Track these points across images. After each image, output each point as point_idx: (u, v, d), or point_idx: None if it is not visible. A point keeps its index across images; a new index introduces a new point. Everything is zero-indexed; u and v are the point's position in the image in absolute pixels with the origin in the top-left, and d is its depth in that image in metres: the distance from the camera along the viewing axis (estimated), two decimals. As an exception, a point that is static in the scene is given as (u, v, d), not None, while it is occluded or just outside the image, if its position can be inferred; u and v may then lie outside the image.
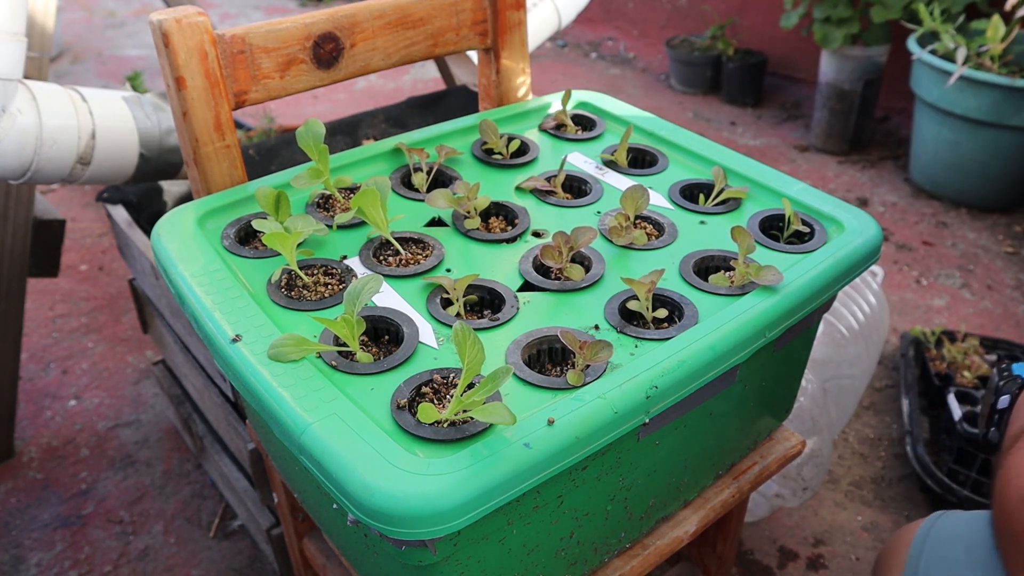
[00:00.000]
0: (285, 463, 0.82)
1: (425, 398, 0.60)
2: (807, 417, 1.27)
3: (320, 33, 0.85)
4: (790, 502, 1.32)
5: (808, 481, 1.30)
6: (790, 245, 0.77)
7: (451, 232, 0.80)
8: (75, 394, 1.70)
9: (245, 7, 4.17)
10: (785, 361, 0.80)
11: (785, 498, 1.31)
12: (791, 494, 1.31)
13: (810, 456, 1.29)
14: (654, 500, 0.75)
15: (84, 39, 3.76)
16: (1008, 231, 2.18)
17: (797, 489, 1.31)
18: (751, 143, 2.69)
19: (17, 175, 1.13)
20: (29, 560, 1.35)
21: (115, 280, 2.06)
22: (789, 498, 1.31)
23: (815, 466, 1.30)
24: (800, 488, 1.31)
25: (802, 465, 1.29)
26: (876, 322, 1.55)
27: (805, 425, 1.27)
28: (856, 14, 2.35)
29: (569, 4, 1.74)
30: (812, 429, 1.28)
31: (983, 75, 2.01)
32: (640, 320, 0.69)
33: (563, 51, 3.59)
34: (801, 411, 1.27)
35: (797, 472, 1.29)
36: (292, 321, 0.67)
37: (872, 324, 1.53)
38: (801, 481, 1.30)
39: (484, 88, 1.05)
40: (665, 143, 0.95)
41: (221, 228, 0.78)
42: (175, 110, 0.80)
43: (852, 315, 1.49)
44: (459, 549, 0.58)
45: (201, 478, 1.50)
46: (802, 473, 1.29)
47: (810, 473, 1.29)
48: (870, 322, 1.52)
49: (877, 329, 1.56)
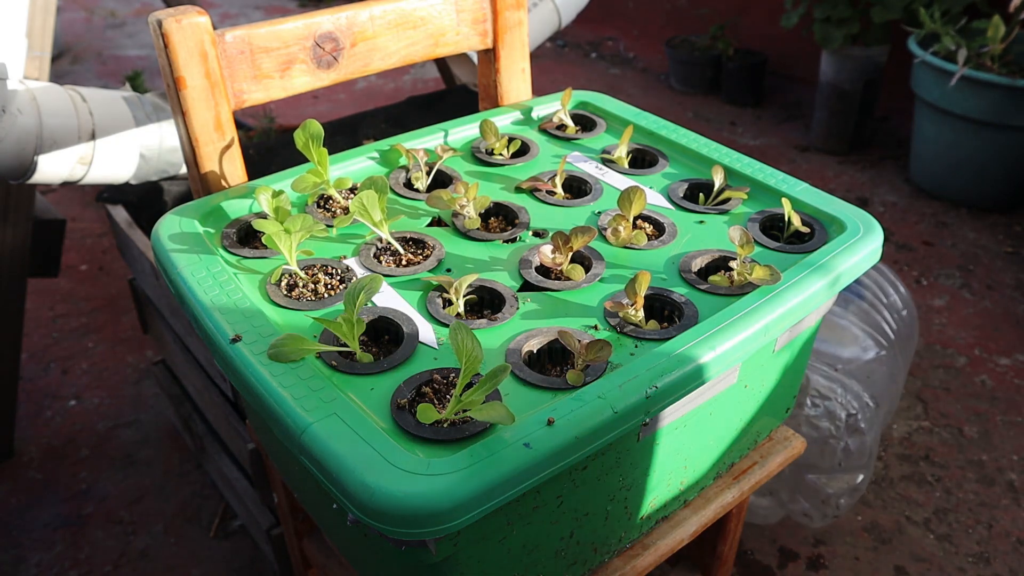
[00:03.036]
0: (285, 463, 0.82)
1: (425, 398, 0.60)
2: (868, 452, 1.25)
3: (320, 33, 0.85)
4: (814, 523, 1.31)
5: (841, 510, 1.29)
6: (790, 245, 0.77)
7: (451, 232, 0.80)
8: (75, 394, 1.70)
9: (245, 7, 4.17)
10: (785, 361, 0.80)
11: (812, 519, 1.30)
12: (820, 516, 1.30)
13: (852, 489, 1.27)
14: (654, 500, 0.75)
15: (84, 39, 3.76)
16: (1008, 231, 2.18)
17: (828, 515, 1.30)
18: (751, 143, 2.69)
19: (17, 175, 1.13)
20: (29, 560, 1.35)
21: (115, 280, 2.06)
22: (816, 520, 1.30)
23: (851, 497, 1.29)
24: (831, 515, 1.30)
25: (841, 495, 1.27)
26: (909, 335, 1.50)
27: (863, 460, 1.25)
28: (856, 14, 2.35)
29: (569, 4, 1.74)
30: (867, 464, 1.26)
31: (983, 75, 2.01)
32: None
33: (563, 51, 3.59)
34: (864, 447, 1.24)
35: (835, 500, 1.27)
36: (292, 321, 0.67)
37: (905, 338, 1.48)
38: (835, 509, 1.28)
39: (484, 88, 1.05)
40: (665, 143, 0.95)
41: (221, 228, 0.78)
42: (175, 110, 0.80)
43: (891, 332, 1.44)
44: (459, 549, 0.58)
45: (201, 478, 1.50)
46: (840, 502, 1.28)
47: (845, 503, 1.28)
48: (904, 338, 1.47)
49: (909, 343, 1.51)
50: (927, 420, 1.58)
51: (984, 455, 1.50)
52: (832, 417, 1.22)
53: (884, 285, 1.48)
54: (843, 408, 1.22)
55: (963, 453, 1.51)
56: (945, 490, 1.44)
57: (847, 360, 1.30)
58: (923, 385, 1.66)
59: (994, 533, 1.36)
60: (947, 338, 1.79)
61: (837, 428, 1.22)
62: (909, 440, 1.54)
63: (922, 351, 1.75)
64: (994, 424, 1.57)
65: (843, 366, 1.29)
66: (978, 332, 1.81)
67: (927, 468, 1.48)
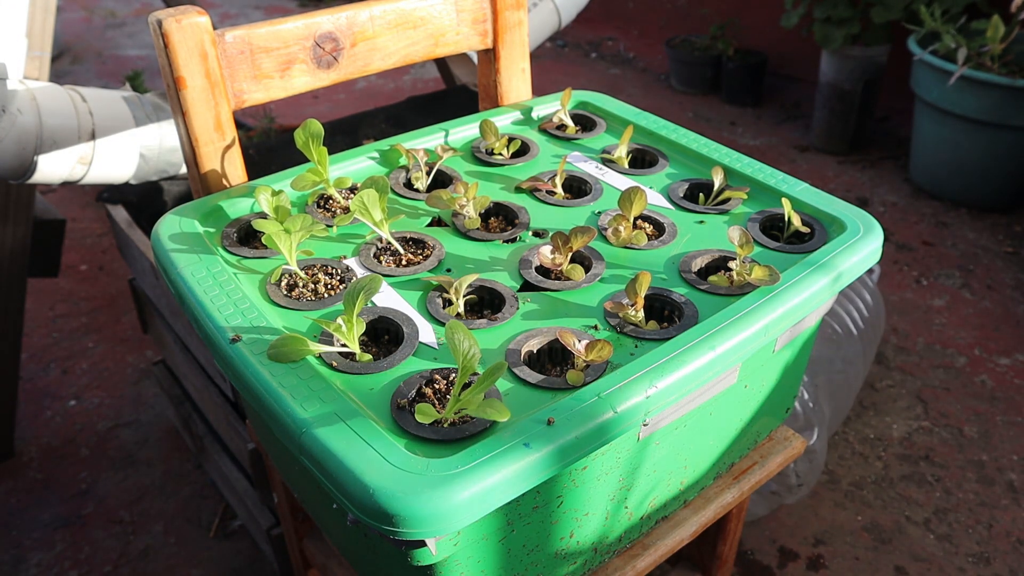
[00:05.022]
0: (285, 463, 0.82)
1: (425, 398, 0.60)
2: (799, 414, 1.28)
3: (320, 33, 0.85)
4: (787, 499, 1.32)
5: (802, 477, 1.30)
6: (790, 245, 0.77)
7: (451, 232, 0.80)
8: (75, 394, 1.70)
9: (245, 7, 4.17)
10: (785, 361, 0.80)
11: (781, 495, 1.31)
12: (787, 491, 1.31)
13: (809, 452, 1.29)
14: (654, 500, 0.75)
15: (84, 39, 3.76)
16: (1008, 231, 2.18)
17: (792, 486, 1.31)
18: (751, 143, 2.69)
19: (17, 175, 1.13)
20: (29, 560, 1.35)
21: (115, 280, 2.06)
22: (785, 495, 1.32)
23: (809, 462, 1.30)
24: (795, 484, 1.31)
25: (796, 460, 1.29)
26: (873, 320, 1.55)
27: (798, 422, 1.28)
28: (856, 14, 2.35)
29: (569, 4, 1.74)
30: (804, 425, 1.29)
31: (983, 75, 2.01)
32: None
33: (563, 51, 3.59)
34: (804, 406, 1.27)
35: (791, 468, 1.29)
36: (292, 321, 0.67)
37: (869, 322, 1.53)
38: (795, 478, 1.30)
39: (484, 88, 1.05)
40: (665, 143, 0.95)
41: (221, 228, 0.78)
42: (175, 110, 0.80)
43: (847, 313, 1.49)
44: (459, 549, 0.58)
45: (201, 478, 1.50)
46: (796, 469, 1.29)
47: (804, 469, 1.30)
48: (867, 320, 1.52)
49: (874, 327, 1.56)
50: (927, 420, 1.58)
51: (984, 455, 1.50)
52: None
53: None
54: None
55: (963, 453, 1.51)
56: (945, 490, 1.44)
57: None
58: (923, 385, 1.66)
59: (994, 533, 1.36)
60: (947, 338, 1.79)
61: None
62: (909, 440, 1.54)
63: (922, 351, 1.75)
64: (994, 424, 1.57)
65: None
66: (978, 332, 1.81)
67: (927, 468, 1.48)
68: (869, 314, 1.54)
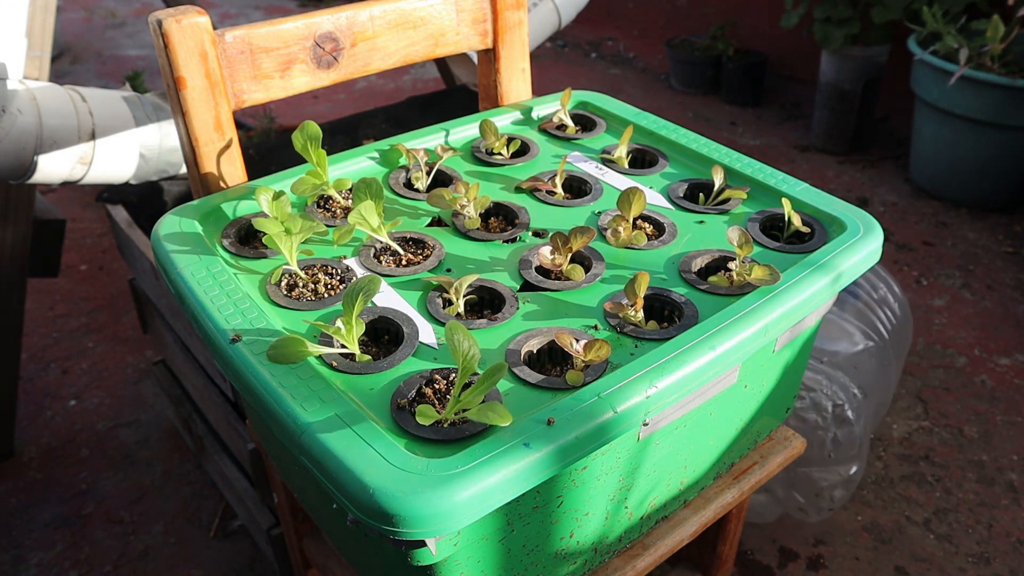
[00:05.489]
0: (285, 463, 0.82)
1: (425, 398, 0.60)
2: (857, 442, 1.25)
3: (320, 33, 0.85)
4: (811, 518, 1.31)
5: (836, 502, 1.29)
6: (790, 245, 0.77)
7: (451, 232, 0.80)
8: (75, 394, 1.70)
9: (245, 7, 4.17)
10: (785, 361, 0.80)
11: (808, 513, 1.30)
12: (816, 511, 1.30)
13: (846, 481, 1.27)
14: (654, 500, 0.75)
15: (84, 39, 3.76)
16: (1008, 231, 2.18)
17: (823, 508, 1.30)
18: (751, 143, 2.69)
19: (17, 175, 1.13)
20: (29, 560, 1.35)
21: (115, 280, 2.06)
22: (812, 514, 1.30)
23: (846, 489, 1.28)
24: (827, 508, 1.30)
25: (835, 487, 1.27)
26: (902, 332, 1.51)
27: (852, 451, 1.25)
28: (856, 14, 2.35)
29: (569, 4, 1.74)
30: (858, 455, 1.26)
31: (983, 75, 2.01)
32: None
33: (563, 51, 3.59)
34: (852, 437, 1.24)
35: (829, 493, 1.27)
36: (292, 321, 0.67)
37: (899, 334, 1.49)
38: (830, 502, 1.28)
39: (484, 88, 1.05)
40: (665, 143, 0.95)
41: (221, 228, 0.78)
42: (175, 110, 0.80)
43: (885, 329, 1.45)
44: (459, 549, 0.58)
45: (201, 478, 1.50)
46: (834, 494, 1.27)
47: (840, 495, 1.28)
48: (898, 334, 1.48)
49: (903, 340, 1.52)
50: (927, 420, 1.58)
51: (984, 455, 1.50)
52: (818, 408, 1.23)
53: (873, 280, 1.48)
54: (829, 399, 1.23)
55: (963, 453, 1.51)
56: (945, 490, 1.44)
57: (832, 353, 1.31)
58: (923, 385, 1.66)
59: (994, 533, 1.36)
60: (947, 338, 1.79)
61: (824, 419, 1.23)
62: (909, 440, 1.54)
63: (922, 351, 1.75)
64: (994, 424, 1.57)
65: (828, 359, 1.30)
66: (978, 332, 1.81)
67: (927, 468, 1.48)
68: (899, 326, 1.50)
